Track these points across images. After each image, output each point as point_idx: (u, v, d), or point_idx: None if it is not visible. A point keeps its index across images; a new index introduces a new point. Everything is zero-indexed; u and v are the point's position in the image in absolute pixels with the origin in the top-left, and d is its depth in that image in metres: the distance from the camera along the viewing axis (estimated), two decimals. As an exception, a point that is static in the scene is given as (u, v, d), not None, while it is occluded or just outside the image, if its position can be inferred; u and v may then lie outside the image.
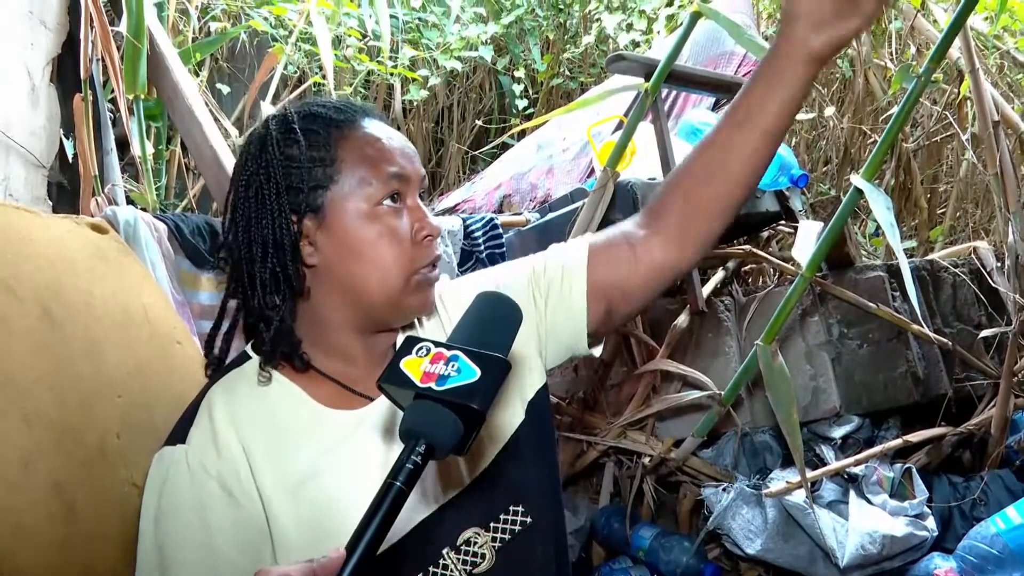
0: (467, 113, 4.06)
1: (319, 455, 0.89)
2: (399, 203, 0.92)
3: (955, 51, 2.13)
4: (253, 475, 0.86)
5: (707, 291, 1.99)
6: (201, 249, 1.66)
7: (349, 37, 3.36)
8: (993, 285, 2.01)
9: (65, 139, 2.01)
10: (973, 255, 2.13)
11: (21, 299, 0.96)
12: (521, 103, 3.80)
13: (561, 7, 3.87)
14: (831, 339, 1.88)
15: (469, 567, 0.89)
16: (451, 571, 0.89)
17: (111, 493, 0.98)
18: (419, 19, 3.75)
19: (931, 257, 2.19)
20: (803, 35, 0.83)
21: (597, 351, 1.06)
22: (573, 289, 1.00)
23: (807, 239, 1.74)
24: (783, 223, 2.25)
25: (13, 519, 0.85)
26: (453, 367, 0.70)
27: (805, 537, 1.70)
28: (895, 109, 1.67)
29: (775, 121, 0.89)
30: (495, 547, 0.91)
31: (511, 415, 0.98)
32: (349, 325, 0.93)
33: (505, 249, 2.13)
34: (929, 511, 1.74)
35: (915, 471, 1.78)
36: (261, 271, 0.90)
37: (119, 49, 2.01)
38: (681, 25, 1.97)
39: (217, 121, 2.19)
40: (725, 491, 1.77)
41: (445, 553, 0.89)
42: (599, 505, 2.05)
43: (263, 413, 0.90)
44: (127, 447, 1.01)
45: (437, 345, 0.72)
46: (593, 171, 2.46)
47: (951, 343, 1.89)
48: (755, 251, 2.09)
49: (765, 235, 2.44)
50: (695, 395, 1.86)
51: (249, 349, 0.96)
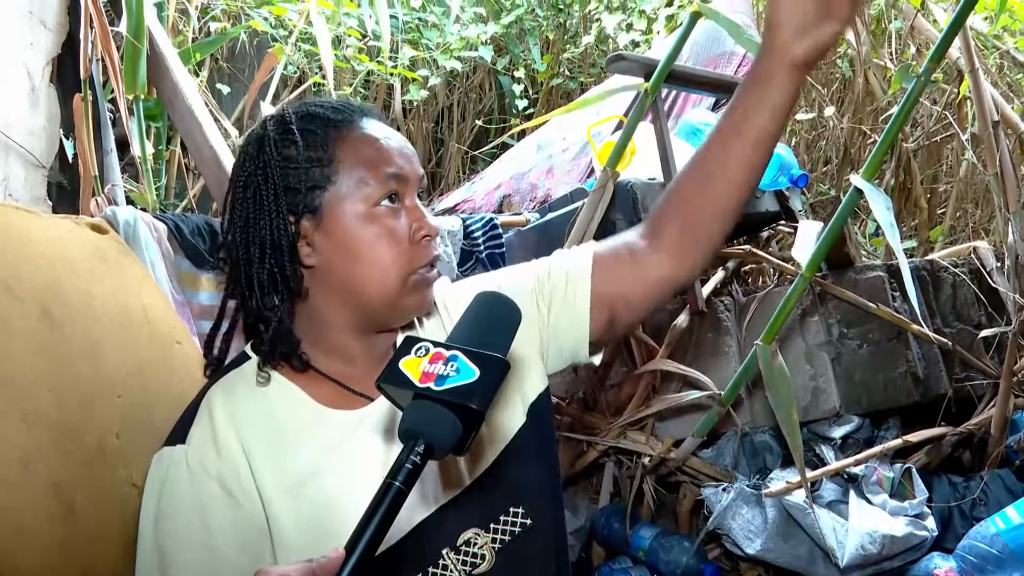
0: (467, 113, 4.06)
1: (319, 455, 0.89)
2: (397, 203, 0.92)
3: (955, 51, 2.13)
4: (253, 475, 0.86)
5: (707, 291, 1.99)
6: (201, 249, 1.66)
7: (349, 37, 3.36)
8: (993, 285, 2.01)
9: (65, 139, 2.01)
10: (973, 255, 2.13)
11: (21, 299, 0.96)
12: (521, 103, 3.80)
13: (561, 7, 3.87)
14: (831, 339, 1.88)
15: (469, 567, 0.89)
16: (451, 571, 0.89)
17: (111, 493, 0.98)
18: (419, 19, 3.75)
19: (931, 257, 2.19)
20: (786, 43, 0.85)
21: (597, 359, 1.06)
22: (577, 296, 1.01)
23: (807, 239, 1.74)
24: (783, 223, 2.25)
25: (13, 519, 0.85)
26: (452, 367, 0.70)
27: (805, 537, 1.70)
28: (895, 109, 1.67)
29: (767, 128, 0.90)
30: (495, 548, 0.91)
31: (512, 417, 0.98)
32: (348, 325, 0.93)
33: (505, 249, 2.13)
34: (929, 511, 1.74)
35: (915, 471, 1.78)
36: (259, 272, 0.90)
37: (119, 49, 2.01)
38: (681, 25, 1.97)
39: (217, 121, 2.19)
40: (725, 491, 1.77)
41: (445, 553, 0.89)
42: (599, 505, 2.05)
43: (263, 413, 0.90)
44: (127, 447, 1.01)
45: (436, 345, 0.72)
46: (593, 171, 2.46)
47: (951, 343, 1.88)
48: (755, 251, 2.08)
49: (765, 235, 2.44)
50: (695, 395, 1.86)
51: (249, 349, 0.96)
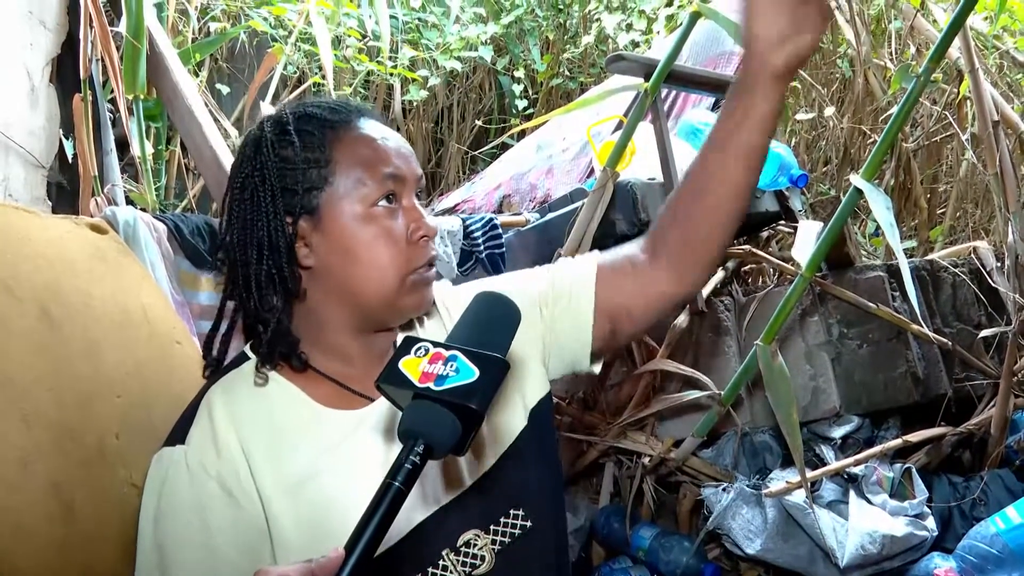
0: (467, 113, 4.06)
1: (318, 455, 0.89)
2: (395, 204, 0.92)
3: (955, 51, 2.13)
4: (252, 475, 0.86)
5: (707, 291, 1.99)
6: (201, 249, 1.66)
7: (349, 37, 3.36)
8: (993, 285, 2.01)
9: (65, 139, 2.01)
10: (973, 255, 2.12)
11: (20, 299, 0.96)
12: (521, 103, 3.80)
13: (561, 7, 3.87)
14: (831, 339, 1.88)
15: (468, 568, 0.89)
16: (450, 572, 0.89)
17: (110, 493, 0.98)
18: (419, 19, 3.75)
19: (931, 257, 2.19)
20: (763, 55, 0.87)
21: (597, 368, 1.07)
22: (581, 305, 1.01)
23: (807, 239, 1.74)
24: (783, 223, 2.24)
25: (12, 519, 0.85)
26: (451, 367, 0.70)
27: (805, 537, 1.70)
28: (895, 109, 1.67)
29: (753, 141, 0.91)
30: (494, 549, 0.91)
31: (513, 419, 0.98)
32: (346, 325, 0.93)
33: (505, 249, 2.13)
34: (929, 511, 1.74)
35: (915, 471, 1.78)
36: (257, 273, 0.90)
37: (119, 49, 2.01)
38: (681, 25, 1.97)
39: (217, 121, 2.19)
40: (725, 491, 1.77)
41: (444, 554, 0.89)
42: (599, 505, 2.05)
43: (262, 413, 0.90)
44: (126, 447, 1.01)
45: (436, 345, 0.72)
46: (593, 171, 2.46)
47: (951, 343, 1.88)
48: (755, 251, 2.08)
49: (765, 235, 2.44)
50: (695, 395, 1.85)
51: (248, 350, 0.96)
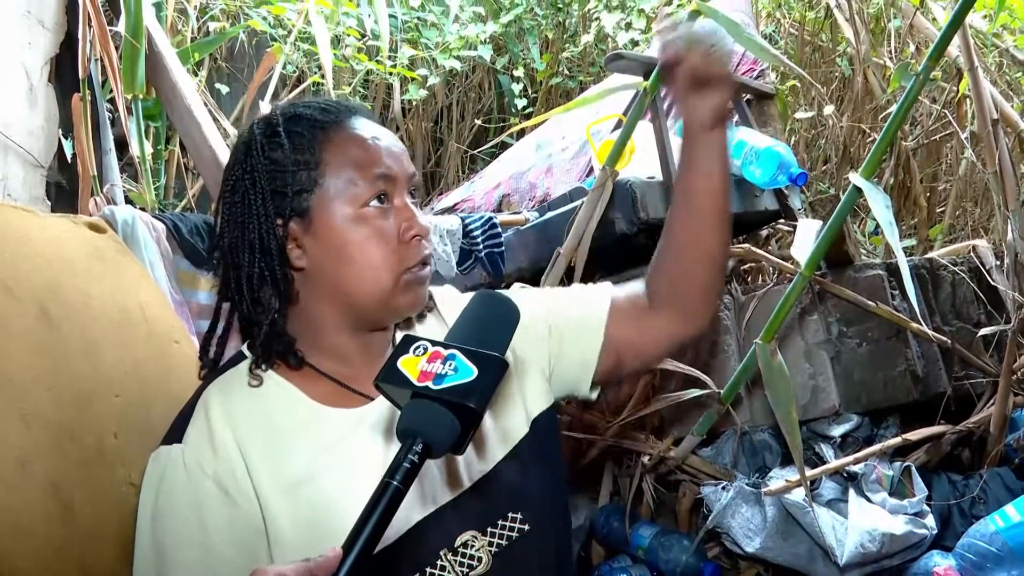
0: (466, 112, 4.06)
1: (317, 454, 0.88)
2: (386, 203, 0.92)
3: (954, 49, 2.13)
4: (249, 474, 0.86)
5: (706, 290, 1.99)
6: (199, 248, 1.66)
7: (348, 37, 3.35)
8: (992, 283, 2.00)
9: (64, 139, 2.01)
10: (972, 253, 2.12)
11: (19, 299, 0.96)
12: (520, 102, 3.79)
13: (560, 6, 3.87)
14: (830, 337, 1.88)
15: (466, 569, 0.89)
16: (448, 572, 0.89)
17: (109, 493, 0.98)
18: (418, 18, 3.74)
19: (930, 255, 2.19)
20: (693, 112, 0.99)
21: (595, 395, 1.09)
22: (590, 336, 1.04)
23: (806, 237, 1.74)
24: (782, 222, 2.24)
25: (11, 519, 0.85)
26: (450, 366, 0.70)
27: (804, 535, 1.70)
28: (894, 107, 1.67)
29: (712, 183, 1.01)
30: (492, 551, 0.91)
31: (514, 422, 0.98)
32: (342, 325, 0.93)
33: (504, 248, 2.13)
34: (928, 509, 1.74)
35: (914, 469, 1.78)
36: (249, 275, 0.90)
37: (117, 49, 2.00)
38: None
39: (216, 121, 2.19)
40: (724, 490, 1.77)
41: (442, 554, 0.89)
42: (598, 504, 2.05)
43: (260, 412, 0.90)
44: (125, 446, 1.01)
45: (434, 344, 0.72)
46: (592, 170, 2.46)
47: (950, 341, 1.88)
48: (754, 250, 2.08)
49: (764, 234, 2.44)
50: (694, 394, 1.85)
51: (245, 349, 0.96)
